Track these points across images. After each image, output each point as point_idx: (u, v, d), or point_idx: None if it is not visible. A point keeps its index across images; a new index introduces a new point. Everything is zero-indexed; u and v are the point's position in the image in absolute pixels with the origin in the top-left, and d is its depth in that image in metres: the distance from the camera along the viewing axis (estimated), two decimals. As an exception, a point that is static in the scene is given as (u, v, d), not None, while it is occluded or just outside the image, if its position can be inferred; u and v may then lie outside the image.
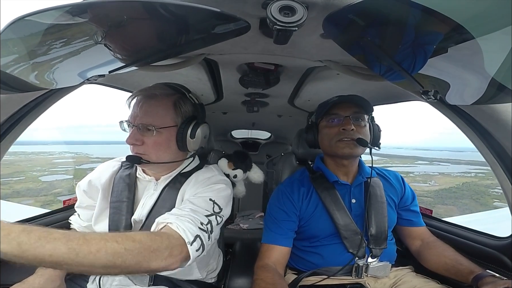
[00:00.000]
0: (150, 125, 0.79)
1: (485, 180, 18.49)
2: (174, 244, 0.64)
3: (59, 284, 0.76)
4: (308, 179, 1.04)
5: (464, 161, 26.69)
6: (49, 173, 15.71)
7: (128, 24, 0.46)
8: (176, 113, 0.82)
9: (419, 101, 1.02)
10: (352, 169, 1.03)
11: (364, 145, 0.92)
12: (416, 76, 0.57)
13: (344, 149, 0.94)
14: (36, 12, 0.40)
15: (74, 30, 0.47)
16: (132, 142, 0.79)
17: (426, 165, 21.00)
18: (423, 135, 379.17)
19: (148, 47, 0.56)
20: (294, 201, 0.99)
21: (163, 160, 0.82)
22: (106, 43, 0.50)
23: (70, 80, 0.67)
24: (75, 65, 0.58)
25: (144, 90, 0.83)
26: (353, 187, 1.01)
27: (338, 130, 0.95)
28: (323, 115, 1.01)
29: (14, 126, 0.76)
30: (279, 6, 0.41)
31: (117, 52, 0.54)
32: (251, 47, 0.75)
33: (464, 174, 19.91)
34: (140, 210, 0.85)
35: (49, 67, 0.56)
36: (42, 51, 0.50)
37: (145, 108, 0.80)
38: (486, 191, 17.89)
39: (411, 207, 1.04)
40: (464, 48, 0.45)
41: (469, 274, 0.81)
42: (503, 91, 0.50)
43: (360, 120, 0.96)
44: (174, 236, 0.65)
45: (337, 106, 0.97)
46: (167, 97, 0.83)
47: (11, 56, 0.49)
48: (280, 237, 0.96)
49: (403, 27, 0.47)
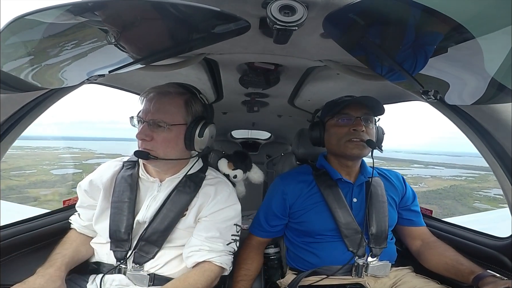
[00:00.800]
0: (162, 121, 0.80)
1: (473, 183, 19.74)
2: (218, 276, 0.86)
3: (59, 284, 0.76)
4: (310, 175, 1.04)
5: (459, 165, 28.02)
6: (58, 167, 16.30)
7: (128, 23, 0.46)
8: (187, 112, 0.84)
9: (419, 104, 1.02)
10: (354, 169, 1.03)
11: (373, 146, 0.93)
12: (416, 76, 0.56)
13: (353, 150, 0.94)
14: (35, 11, 0.40)
15: (74, 29, 0.47)
16: (142, 137, 0.80)
17: (421, 168, 21.81)
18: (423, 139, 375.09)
19: (148, 47, 0.56)
20: (288, 197, 1.01)
21: (170, 157, 0.84)
22: (106, 43, 0.50)
23: (70, 80, 0.67)
24: (75, 65, 0.58)
25: (157, 88, 0.84)
26: (355, 186, 1.01)
27: (348, 131, 0.95)
28: (334, 114, 1.00)
29: (14, 126, 0.76)
30: (279, 5, 0.41)
31: (117, 52, 0.54)
32: (251, 46, 0.75)
33: (455, 177, 21.03)
34: (144, 212, 0.85)
35: (49, 67, 0.56)
36: (42, 51, 0.50)
37: (158, 105, 0.81)
38: (470, 193, 19.31)
39: (412, 206, 1.05)
40: (464, 48, 0.44)
41: (470, 274, 0.81)
42: (503, 91, 0.50)
43: (369, 122, 0.96)
44: (218, 270, 0.85)
45: (349, 106, 0.97)
46: (179, 95, 0.84)
47: (11, 56, 0.49)
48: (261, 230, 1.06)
49: (403, 27, 0.47)
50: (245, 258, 1.03)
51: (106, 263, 0.86)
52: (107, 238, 0.85)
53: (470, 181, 20.75)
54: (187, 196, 0.87)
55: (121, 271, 0.84)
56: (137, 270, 0.83)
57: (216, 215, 0.86)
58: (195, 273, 0.81)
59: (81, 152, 25.37)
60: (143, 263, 0.83)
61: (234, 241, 0.90)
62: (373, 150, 0.96)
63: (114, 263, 0.84)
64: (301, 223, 0.99)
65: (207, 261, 0.83)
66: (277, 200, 1.03)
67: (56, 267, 0.78)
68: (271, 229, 1.05)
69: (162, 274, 0.84)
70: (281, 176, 1.12)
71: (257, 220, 1.08)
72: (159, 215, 0.84)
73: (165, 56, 0.66)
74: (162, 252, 0.85)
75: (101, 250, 0.88)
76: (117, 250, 0.84)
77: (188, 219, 0.86)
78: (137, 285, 0.83)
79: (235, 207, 0.90)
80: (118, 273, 0.84)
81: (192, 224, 0.87)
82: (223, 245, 0.86)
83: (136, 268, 0.83)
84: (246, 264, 1.02)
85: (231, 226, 0.89)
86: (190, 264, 0.84)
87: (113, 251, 0.85)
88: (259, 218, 1.07)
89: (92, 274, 0.87)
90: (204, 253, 0.83)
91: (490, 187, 18.61)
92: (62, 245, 0.88)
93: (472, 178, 21.44)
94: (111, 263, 0.85)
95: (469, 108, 0.81)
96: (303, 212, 0.99)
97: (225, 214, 0.87)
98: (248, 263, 1.03)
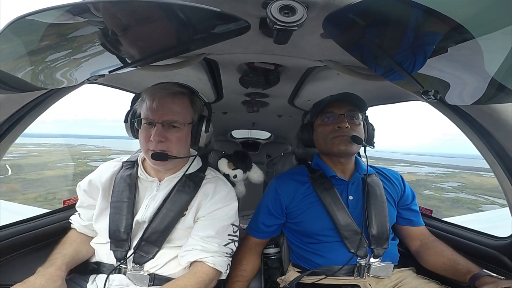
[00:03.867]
0: (176, 122, 0.82)
1: (438, 178, 21.41)
2: (212, 278, 0.82)
3: (60, 284, 0.76)
4: (307, 177, 1.04)
5: (442, 165, 30.20)
6: (89, 160, 17.19)
7: (128, 24, 0.46)
8: (194, 111, 0.87)
9: (419, 105, 1.02)
10: (348, 167, 1.03)
11: (359, 142, 0.93)
12: (416, 76, 0.57)
13: (339, 145, 0.95)
14: (36, 12, 0.40)
15: (74, 30, 0.47)
16: (159, 139, 0.80)
17: (406, 167, 23.10)
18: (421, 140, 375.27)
19: (148, 47, 0.56)
20: (282, 197, 1.01)
21: (182, 155, 0.87)
22: (106, 43, 0.50)
23: (70, 80, 0.67)
24: (75, 65, 0.58)
25: (162, 88, 0.84)
26: (350, 184, 1.01)
27: (333, 128, 0.96)
28: (318, 114, 1.01)
29: (14, 126, 0.76)
30: (279, 5, 0.41)
31: (117, 52, 0.54)
32: (251, 47, 0.75)
33: (427, 174, 22.95)
34: (144, 211, 0.85)
35: (49, 67, 0.56)
36: (42, 51, 0.50)
37: (169, 106, 0.82)
38: (427, 185, 21.36)
39: (411, 206, 1.05)
40: (464, 48, 0.44)
41: (467, 273, 0.81)
42: (503, 91, 0.50)
43: (354, 119, 0.97)
44: (212, 272, 0.82)
45: (332, 104, 0.98)
46: (185, 95, 0.86)
47: (11, 56, 0.49)
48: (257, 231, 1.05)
49: (403, 27, 0.47)
50: (241, 259, 1.03)
51: (106, 263, 0.86)
52: (107, 238, 0.85)
53: (437, 176, 22.52)
54: (187, 196, 0.87)
55: (121, 271, 0.84)
56: (137, 270, 0.83)
57: (213, 214, 0.86)
58: (186, 275, 0.80)
59: (97, 149, 28.06)
60: (143, 263, 0.83)
61: (232, 241, 0.89)
62: (365, 146, 0.96)
63: (114, 263, 0.84)
64: (299, 223, 0.99)
65: (200, 261, 0.82)
66: (271, 198, 1.04)
67: (56, 267, 0.78)
68: (267, 229, 1.05)
69: (162, 274, 0.84)
70: (276, 176, 1.12)
71: (254, 221, 1.08)
72: (158, 214, 0.84)
73: (165, 56, 0.66)
74: (162, 252, 0.85)
75: (101, 250, 0.88)
76: (117, 250, 0.84)
77: (188, 219, 0.86)
78: (137, 285, 0.83)
79: (233, 206, 0.90)
80: (118, 273, 0.84)
81: (192, 224, 0.87)
82: (218, 245, 0.85)
83: (136, 268, 0.84)
84: (242, 264, 1.02)
85: (228, 225, 0.88)
86: (184, 264, 0.83)
87: (113, 251, 0.85)
88: (256, 218, 1.07)
89: (92, 274, 0.87)
90: (196, 253, 0.82)
91: (448, 181, 21.07)
92: (62, 244, 0.88)
93: (443, 175, 23.30)
94: (111, 263, 0.85)
95: (469, 108, 0.81)
96: (300, 212, 0.99)
97: (223, 213, 0.87)
98: (244, 263, 1.03)
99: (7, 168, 16.89)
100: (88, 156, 23.38)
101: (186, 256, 0.83)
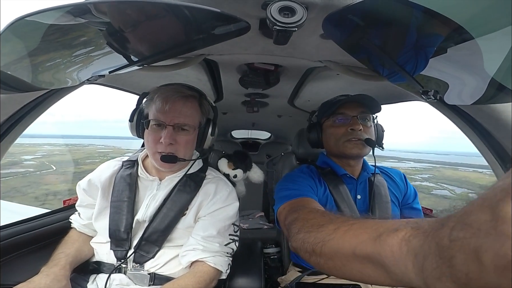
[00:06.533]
0: (187, 125, 0.83)
1: (415, 171, 21.51)
2: (213, 278, 0.82)
3: (65, 283, 0.76)
4: (317, 173, 1.02)
5: (427, 161, 30.91)
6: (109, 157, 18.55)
7: (128, 24, 0.46)
8: (202, 114, 0.88)
9: (417, 104, 1.02)
10: (357, 167, 1.03)
11: (372, 145, 0.92)
12: (416, 77, 0.57)
13: (352, 149, 0.93)
14: (36, 12, 0.40)
15: (74, 30, 0.47)
16: (169, 142, 0.80)
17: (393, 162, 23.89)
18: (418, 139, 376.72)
19: (148, 47, 0.56)
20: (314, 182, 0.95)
21: (187, 157, 0.87)
22: (106, 44, 0.50)
23: (70, 80, 0.67)
24: (75, 65, 0.58)
25: (174, 91, 0.83)
26: (359, 183, 1.00)
27: (346, 130, 0.94)
28: (330, 114, 0.99)
29: (14, 126, 0.76)
30: (279, 6, 0.41)
31: (117, 52, 0.54)
32: (251, 47, 0.75)
33: (407, 168, 23.19)
34: (144, 211, 0.85)
35: (49, 67, 0.56)
36: (42, 52, 0.50)
37: (180, 109, 0.82)
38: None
39: (413, 204, 1.05)
40: (464, 48, 0.45)
41: None
42: (503, 91, 0.50)
43: (366, 121, 0.95)
44: (212, 272, 0.82)
45: (344, 105, 0.96)
46: (194, 98, 0.86)
47: (11, 56, 0.49)
48: (307, 191, 0.85)
49: (402, 28, 0.47)
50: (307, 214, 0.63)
51: (107, 263, 0.86)
52: (107, 238, 0.85)
53: (416, 170, 22.99)
54: (188, 196, 0.87)
55: (121, 271, 0.84)
56: (137, 270, 0.84)
57: (215, 214, 0.86)
58: (187, 274, 0.80)
59: (109, 148, 29.25)
60: (143, 262, 0.84)
61: (233, 241, 0.89)
62: (374, 148, 0.95)
63: (114, 263, 0.84)
64: None
65: (200, 261, 0.82)
66: (305, 174, 0.96)
67: (60, 266, 0.78)
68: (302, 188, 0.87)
69: (163, 274, 0.84)
70: (286, 174, 1.05)
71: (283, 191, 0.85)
72: (159, 214, 0.84)
73: (165, 57, 0.66)
74: (162, 252, 0.85)
75: (101, 250, 0.88)
76: (117, 250, 0.84)
77: (188, 219, 0.86)
78: (137, 285, 0.83)
79: (234, 206, 0.90)
80: (118, 273, 0.84)
81: (192, 223, 0.87)
82: (220, 245, 0.85)
83: (137, 267, 0.84)
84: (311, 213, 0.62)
85: (229, 225, 0.89)
86: (185, 264, 0.83)
87: (113, 251, 0.85)
88: (288, 185, 0.88)
89: (92, 273, 0.87)
90: (198, 252, 0.82)
91: (423, 173, 21.05)
92: (64, 244, 0.88)
93: (421, 169, 23.92)
94: (111, 263, 0.85)
95: (469, 108, 0.81)
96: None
97: (224, 213, 0.88)
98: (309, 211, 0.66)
99: (48, 165, 17.11)
100: (106, 154, 24.54)
101: (187, 256, 0.83)
